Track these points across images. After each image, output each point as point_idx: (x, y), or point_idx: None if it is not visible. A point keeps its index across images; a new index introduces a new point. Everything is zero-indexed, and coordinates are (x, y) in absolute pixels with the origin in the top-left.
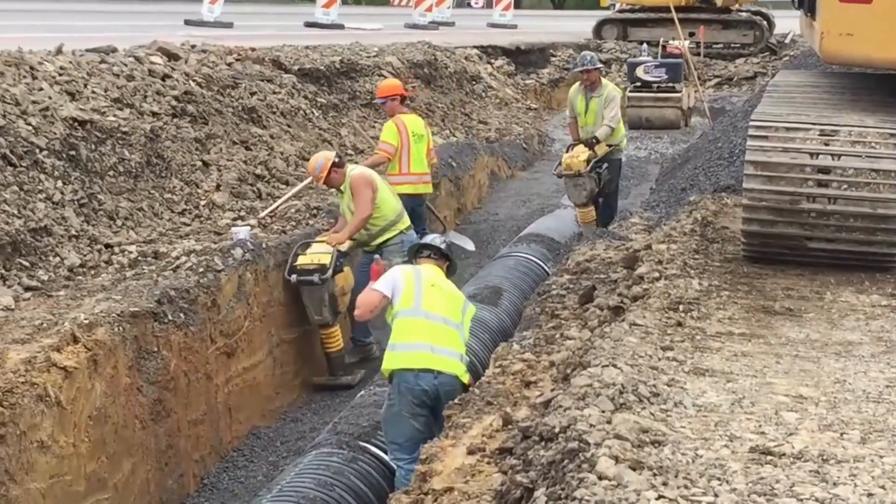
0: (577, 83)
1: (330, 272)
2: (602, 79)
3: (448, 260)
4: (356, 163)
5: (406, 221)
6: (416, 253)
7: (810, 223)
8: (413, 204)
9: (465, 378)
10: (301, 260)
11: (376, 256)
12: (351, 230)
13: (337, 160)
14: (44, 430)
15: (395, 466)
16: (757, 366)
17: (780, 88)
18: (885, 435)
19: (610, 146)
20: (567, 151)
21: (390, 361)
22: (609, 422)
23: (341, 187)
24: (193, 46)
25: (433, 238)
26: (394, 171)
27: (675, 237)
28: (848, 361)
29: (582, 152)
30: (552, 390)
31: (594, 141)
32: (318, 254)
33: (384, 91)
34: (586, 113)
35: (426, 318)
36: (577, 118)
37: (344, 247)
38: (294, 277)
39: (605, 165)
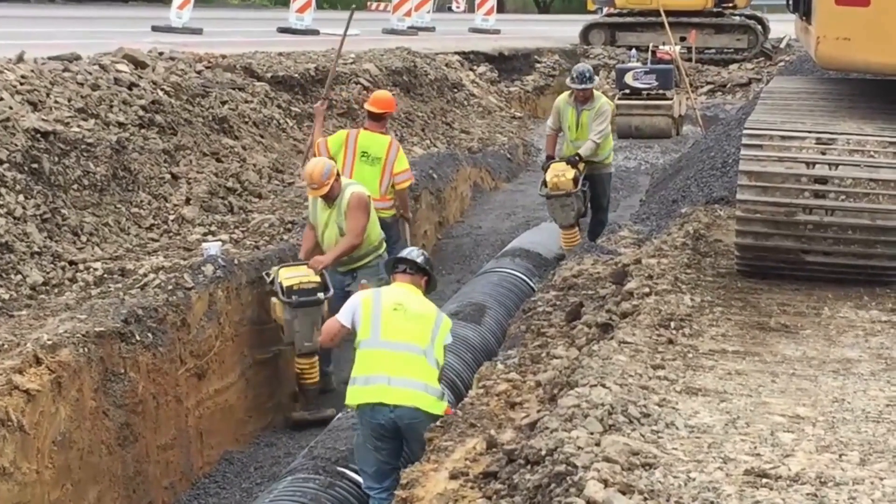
0: (567, 93)
1: (331, 289)
2: (595, 91)
3: (426, 275)
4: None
5: (384, 244)
6: (392, 268)
7: (807, 236)
8: None
9: (435, 408)
10: (291, 281)
11: (363, 281)
12: (337, 254)
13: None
14: (5, 456)
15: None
16: (752, 385)
17: (775, 95)
18: (885, 456)
19: (594, 162)
20: (547, 171)
21: (350, 396)
22: (598, 444)
23: (335, 201)
24: (161, 54)
25: (410, 251)
26: None
27: (666, 251)
28: (847, 380)
29: (567, 170)
30: (538, 411)
31: (577, 159)
32: (304, 276)
33: None
34: (577, 127)
35: (385, 348)
36: (567, 131)
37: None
38: (295, 298)
39: (588, 184)
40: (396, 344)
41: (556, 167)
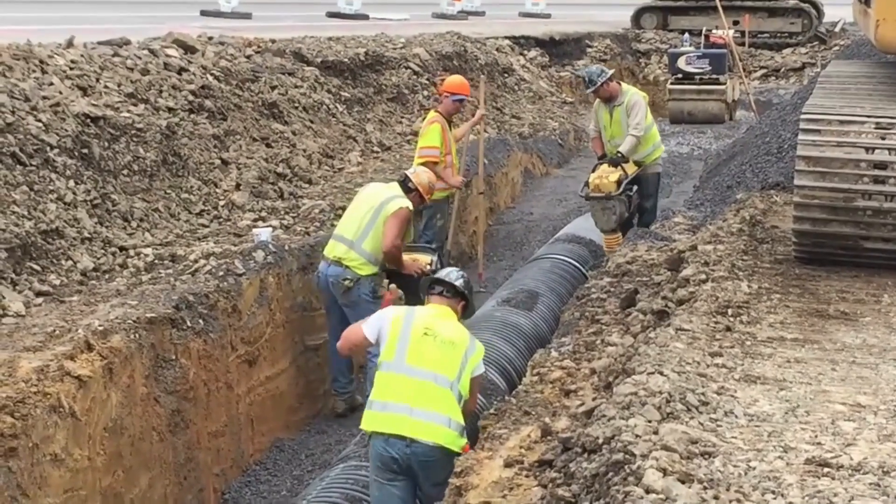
0: None
1: None
2: (622, 85)
3: (464, 299)
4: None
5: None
6: (427, 288)
7: (866, 222)
8: None
9: (456, 445)
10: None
11: (392, 286)
12: None
13: None
14: (57, 442)
15: None
16: (811, 373)
17: (833, 79)
18: None
19: (637, 162)
20: (593, 171)
21: (366, 421)
22: (656, 432)
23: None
24: (210, 38)
25: (448, 273)
26: None
27: (722, 237)
28: None
29: (611, 172)
30: (594, 399)
31: (620, 157)
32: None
33: None
34: (611, 124)
35: (409, 374)
36: (603, 132)
37: None
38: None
39: (636, 187)
40: (422, 371)
41: (603, 168)
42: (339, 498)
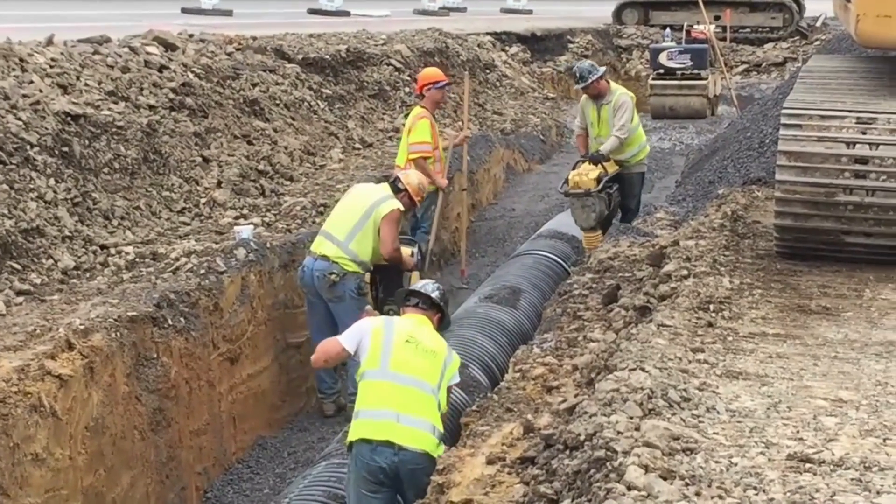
0: None
1: None
2: (611, 84)
3: (440, 311)
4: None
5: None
6: (403, 299)
7: (847, 216)
8: None
9: (437, 452)
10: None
11: (367, 307)
12: None
13: None
14: (38, 441)
15: None
16: (793, 368)
17: (814, 74)
18: None
19: (621, 162)
20: (574, 168)
21: (353, 431)
22: (637, 429)
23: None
24: (191, 36)
25: (425, 284)
26: None
27: (704, 233)
28: (890, 362)
29: (592, 169)
30: (576, 396)
31: (599, 156)
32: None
33: None
34: (599, 123)
35: (393, 381)
36: (590, 129)
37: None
38: None
39: (616, 186)
40: (406, 378)
41: (584, 166)
42: (321, 495)
